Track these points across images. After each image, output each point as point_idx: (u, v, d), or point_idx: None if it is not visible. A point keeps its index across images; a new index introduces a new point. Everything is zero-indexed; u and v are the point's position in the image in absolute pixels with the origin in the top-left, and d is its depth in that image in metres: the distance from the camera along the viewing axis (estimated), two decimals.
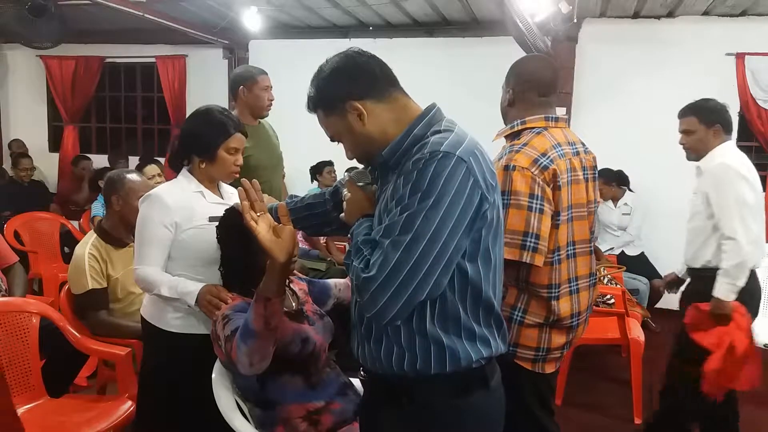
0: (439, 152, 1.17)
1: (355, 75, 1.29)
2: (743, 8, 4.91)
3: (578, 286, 1.90)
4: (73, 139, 7.06)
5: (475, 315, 1.26)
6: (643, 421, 3.12)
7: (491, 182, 1.23)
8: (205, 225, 1.96)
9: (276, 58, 5.91)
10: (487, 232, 1.23)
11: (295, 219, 1.65)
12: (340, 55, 1.32)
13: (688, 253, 2.70)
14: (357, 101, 1.27)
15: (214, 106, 2.08)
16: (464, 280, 1.23)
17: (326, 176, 5.44)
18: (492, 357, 1.31)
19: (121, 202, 2.75)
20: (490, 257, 1.26)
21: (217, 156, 2.01)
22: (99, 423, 2.21)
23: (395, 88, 1.32)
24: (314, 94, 1.34)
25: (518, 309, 1.84)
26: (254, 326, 1.47)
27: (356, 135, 1.30)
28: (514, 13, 3.73)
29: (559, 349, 1.89)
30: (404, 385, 1.28)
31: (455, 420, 1.27)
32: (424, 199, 1.14)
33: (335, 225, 1.64)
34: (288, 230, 1.43)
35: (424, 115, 1.30)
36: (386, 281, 1.14)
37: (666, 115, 5.27)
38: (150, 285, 1.99)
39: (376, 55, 1.34)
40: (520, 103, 1.96)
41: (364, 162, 1.40)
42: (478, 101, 5.93)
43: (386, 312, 1.16)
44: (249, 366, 1.53)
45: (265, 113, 3.00)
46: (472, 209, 1.18)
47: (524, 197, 1.75)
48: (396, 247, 1.14)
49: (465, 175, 1.16)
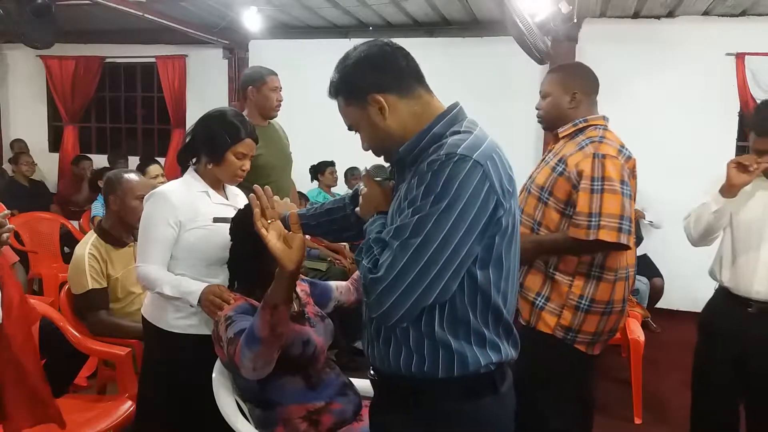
0: (456, 154, 1.14)
1: (380, 67, 1.26)
2: (743, 8, 4.91)
3: (629, 272, 2.07)
4: (73, 139, 7.06)
5: (485, 320, 1.24)
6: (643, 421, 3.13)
7: (508, 188, 1.20)
8: (209, 225, 1.97)
9: (276, 58, 5.89)
10: (501, 239, 1.21)
11: (315, 224, 1.65)
12: (368, 43, 1.29)
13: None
14: (380, 94, 1.25)
15: (229, 109, 2.07)
16: (473, 285, 1.21)
17: (327, 176, 5.43)
18: (502, 363, 1.28)
19: (118, 201, 2.75)
20: (503, 265, 1.23)
21: (225, 159, 2.00)
22: (99, 423, 2.21)
23: (420, 85, 1.30)
24: (337, 81, 1.30)
25: (584, 298, 1.98)
26: (260, 333, 1.47)
27: (375, 128, 1.28)
28: (514, 13, 3.73)
29: (609, 333, 2.07)
30: (412, 386, 1.27)
31: (463, 424, 1.26)
32: (437, 203, 1.12)
33: (355, 230, 1.60)
34: (298, 239, 1.41)
35: (445, 114, 1.27)
36: (393, 283, 1.13)
37: (666, 115, 5.31)
38: (151, 283, 1.98)
39: (405, 48, 1.31)
40: (584, 104, 2.13)
41: (379, 155, 1.36)
42: (479, 101, 5.92)
43: (392, 314, 1.15)
44: (252, 371, 1.53)
45: (273, 114, 3.01)
46: (486, 215, 1.15)
47: (617, 183, 1.91)
48: (405, 250, 1.12)
49: (480, 180, 1.13)
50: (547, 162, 2.11)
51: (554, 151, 2.13)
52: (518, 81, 5.55)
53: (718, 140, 5.03)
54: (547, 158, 2.14)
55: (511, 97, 5.51)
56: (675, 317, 4.77)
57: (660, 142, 5.02)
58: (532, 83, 6.29)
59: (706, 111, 5.09)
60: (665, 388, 3.33)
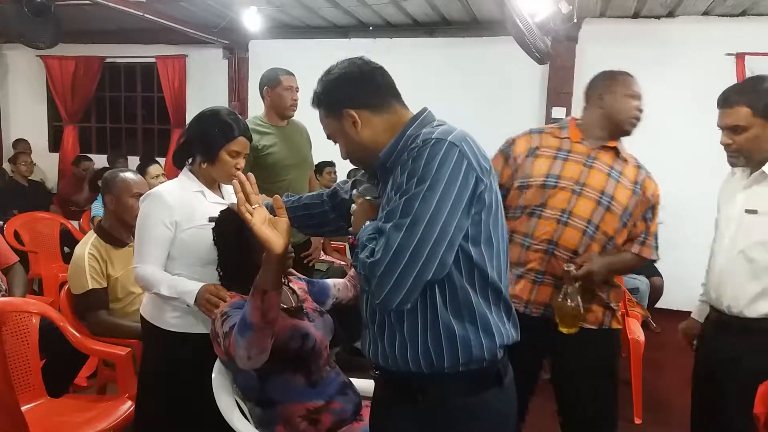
0: (431, 139, 1.22)
1: (357, 84, 1.35)
2: (743, 8, 4.91)
3: None
4: (73, 139, 7.06)
5: (485, 297, 1.28)
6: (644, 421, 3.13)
7: (485, 166, 1.26)
8: (205, 225, 1.97)
9: (276, 58, 5.87)
10: (487, 215, 1.26)
11: (292, 218, 1.65)
12: (350, 60, 1.38)
13: (737, 295, 1.92)
14: (353, 109, 1.34)
15: (223, 108, 2.07)
16: (470, 263, 1.25)
17: (326, 176, 5.43)
18: (504, 348, 1.32)
19: (114, 200, 2.75)
20: (492, 241, 1.28)
21: (219, 157, 2.01)
22: (99, 423, 2.21)
23: (396, 100, 1.38)
24: (319, 93, 1.40)
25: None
26: (251, 319, 1.47)
27: (349, 139, 1.37)
28: (514, 13, 3.73)
29: None
30: (418, 381, 1.29)
31: (468, 417, 1.28)
32: (421, 183, 1.18)
33: (333, 226, 1.70)
34: (283, 222, 1.43)
35: (416, 117, 1.35)
36: (391, 263, 1.16)
37: (666, 115, 5.30)
38: (149, 284, 1.99)
39: (383, 66, 1.39)
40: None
41: (357, 164, 1.47)
42: (478, 101, 5.96)
43: (395, 295, 1.17)
44: (247, 359, 1.53)
45: (289, 113, 3.09)
46: (468, 190, 1.21)
47: None
48: (398, 230, 1.17)
49: (459, 158, 1.20)
50: (616, 179, 2.05)
51: (616, 168, 2.07)
52: (518, 81, 5.55)
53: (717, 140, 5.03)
54: (611, 173, 2.05)
55: (511, 97, 5.51)
56: (675, 317, 4.75)
57: (659, 141, 5.01)
58: (532, 83, 6.34)
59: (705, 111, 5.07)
60: (665, 388, 3.32)
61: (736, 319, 1.92)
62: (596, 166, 2.04)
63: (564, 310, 1.87)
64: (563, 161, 2.05)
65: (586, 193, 2.00)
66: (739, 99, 1.93)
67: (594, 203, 2.00)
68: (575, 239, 1.98)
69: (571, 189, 2.00)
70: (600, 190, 2.01)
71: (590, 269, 1.92)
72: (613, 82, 2.10)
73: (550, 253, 1.99)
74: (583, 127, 2.12)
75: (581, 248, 1.98)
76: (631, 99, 2.09)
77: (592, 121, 2.11)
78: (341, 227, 1.62)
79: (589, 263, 1.94)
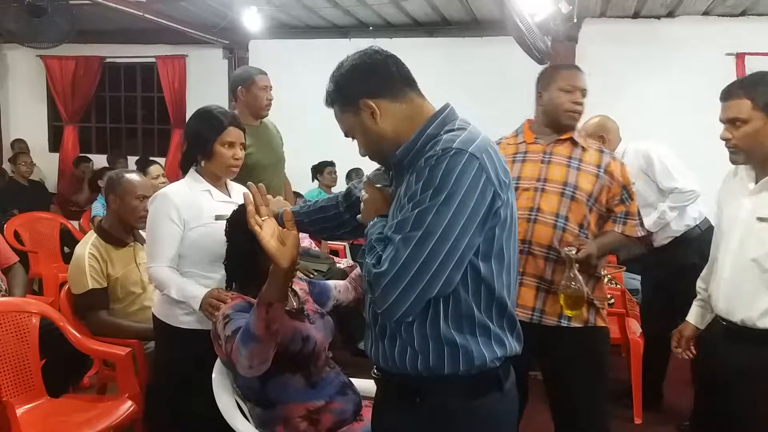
0: (452, 149, 1.17)
1: (371, 73, 1.31)
2: (743, 8, 4.92)
3: None
4: (73, 139, 7.06)
5: (489, 313, 1.26)
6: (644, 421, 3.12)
7: (504, 180, 1.23)
8: (213, 223, 2.02)
9: (276, 58, 5.91)
10: (501, 230, 1.23)
11: (309, 222, 1.66)
12: (360, 52, 1.34)
13: (750, 307, 1.84)
14: (371, 99, 1.29)
15: (212, 105, 2.14)
16: (477, 278, 1.23)
17: (326, 176, 5.44)
18: (506, 358, 1.30)
19: (117, 201, 2.75)
20: (504, 256, 1.26)
21: (214, 151, 2.07)
22: (99, 423, 2.21)
23: (412, 89, 1.33)
24: (332, 90, 1.36)
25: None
26: (255, 330, 1.48)
27: (368, 132, 1.32)
28: (514, 13, 3.74)
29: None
30: (417, 384, 1.28)
31: (468, 421, 1.27)
32: (436, 195, 1.14)
33: (348, 228, 1.64)
34: (292, 236, 1.42)
35: (437, 115, 1.30)
36: (397, 276, 1.14)
37: (666, 115, 5.30)
38: (161, 285, 2.08)
39: (396, 55, 1.35)
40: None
41: (376, 160, 1.41)
42: (478, 101, 5.94)
43: (397, 307, 1.16)
44: (248, 368, 1.54)
45: (263, 113, 3.01)
46: (485, 206, 1.18)
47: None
48: (407, 243, 1.14)
49: (477, 172, 1.16)
50: (576, 168, 2.07)
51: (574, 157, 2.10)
52: (518, 81, 5.54)
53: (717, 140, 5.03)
54: (570, 163, 2.08)
55: (510, 97, 5.50)
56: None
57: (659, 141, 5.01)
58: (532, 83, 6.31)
59: (705, 111, 5.06)
60: (665, 388, 3.32)
61: (749, 330, 1.86)
62: (554, 160, 2.09)
63: (568, 293, 1.92)
64: (521, 163, 2.11)
65: (548, 188, 2.05)
66: (740, 91, 1.89)
67: (558, 196, 2.04)
68: (548, 234, 2.01)
69: (533, 187, 2.05)
70: (562, 182, 2.05)
71: (589, 251, 1.97)
72: (549, 77, 2.16)
73: (526, 252, 2.02)
74: (534, 126, 2.18)
75: (555, 242, 2.00)
76: (565, 93, 2.11)
77: (538, 119, 2.17)
78: (357, 228, 1.57)
79: (587, 246, 1.98)
